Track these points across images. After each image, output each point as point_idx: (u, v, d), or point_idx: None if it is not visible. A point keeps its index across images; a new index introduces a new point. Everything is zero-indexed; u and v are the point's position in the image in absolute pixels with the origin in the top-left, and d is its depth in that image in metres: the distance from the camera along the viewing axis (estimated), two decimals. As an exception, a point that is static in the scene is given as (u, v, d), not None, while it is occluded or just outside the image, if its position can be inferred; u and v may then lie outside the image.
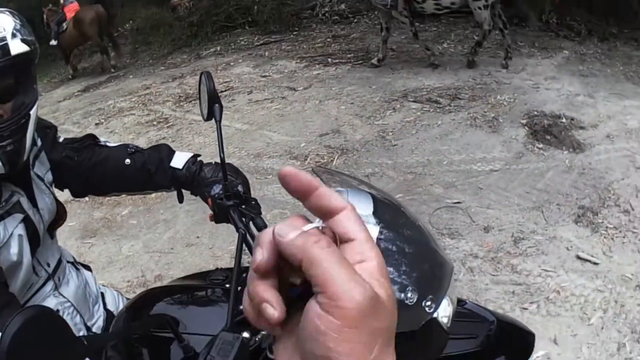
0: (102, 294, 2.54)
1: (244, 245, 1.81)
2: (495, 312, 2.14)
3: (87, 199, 2.45)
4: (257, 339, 1.57)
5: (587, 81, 7.70)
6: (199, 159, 2.28)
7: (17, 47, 1.81)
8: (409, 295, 1.43)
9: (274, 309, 0.61)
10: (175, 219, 5.73)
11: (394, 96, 7.78)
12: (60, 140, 2.38)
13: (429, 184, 5.55)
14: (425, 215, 4.91)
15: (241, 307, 1.51)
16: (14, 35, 1.81)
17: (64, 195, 2.40)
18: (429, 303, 1.50)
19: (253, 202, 2.03)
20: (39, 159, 2.20)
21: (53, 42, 14.50)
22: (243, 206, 1.97)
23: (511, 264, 4.32)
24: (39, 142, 2.21)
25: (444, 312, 1.62)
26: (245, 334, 1.52)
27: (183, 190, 2.30)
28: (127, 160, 2.28)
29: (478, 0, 8.34)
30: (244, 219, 1.91)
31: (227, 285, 1.92)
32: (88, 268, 2.58)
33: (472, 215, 4.96)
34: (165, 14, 15.91)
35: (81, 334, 2.20)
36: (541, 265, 4.27)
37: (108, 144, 2.42)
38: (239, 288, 1.65)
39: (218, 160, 2.07)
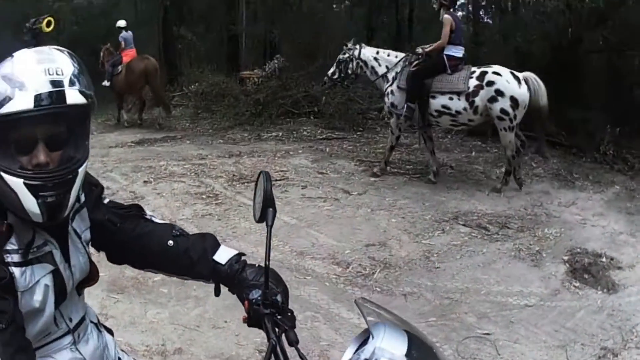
0: (120, 359, 2.49)
1: (272, 356, 1.78)
2: None
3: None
4: None
5: (633, 219, 7.83)
6: (242, 258, 2.24)
7: (73, 97, 1.78)
8: None
9: None
10: (207, 298, 5.74)
11: (445, 217, 7.96)
12: (105, 201, 2.33)
13: (464, 312, 5.64)
14: (453, 343, 5.06)
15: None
16: (71, 83, 1.78)
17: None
18: None
19: (289, 314, 2.00)
20: (80, 214, 2.17)
21: (106, 83, 14.58)
22: (279, 316, 1.95)
23: (526, 401, 4.39)
24: (83, 198, 2.17)
25: None
26: None
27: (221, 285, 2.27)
28: (170, 242, 2.25)
29: (502, 121, 8.72)
30: (277, 330, 1.88)
31: None
32: (110, 332, 2.53)
33: (498, 348, 5.05)
34: (233, 84, 16.08)
35: None
36: (554, 406, 4.33)
37: (154, 219, 2.38)
38: None
39: (261, 262, 2.07)
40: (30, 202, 1.77)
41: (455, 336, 5.24)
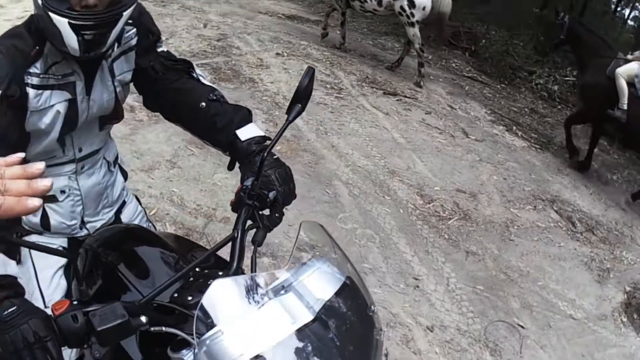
0: (124, 202, 2.66)
1: (234, 248, 1.76)
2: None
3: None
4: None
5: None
6: (267, 142, 2.19)
7: None
8: None
9: None
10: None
11: (544, 196, 7.87)
12: (160, 49, 2.37)
13: (512, 295, 5.64)
14: (485, 320, 5.14)
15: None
16: None
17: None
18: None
19: (276, 215, 1.95)
20: (126, 56, 2.27)
21: None
22: (260, 212, 1.91)
23: None
24: (134, 42, 2.26)
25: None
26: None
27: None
28: (203, 104, 2.26)
29: (401, 16, 10.47)
30: (248, 223, 1.86)
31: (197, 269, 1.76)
32: (126, 175, 2.69)
33: (523, 345, 4.99)
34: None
35: (73, 222, 2.39)
36: None
37: (200, 79, 2.39)
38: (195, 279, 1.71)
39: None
40: (71, 39, 1.87)
41: (492, 314, 5.29)
